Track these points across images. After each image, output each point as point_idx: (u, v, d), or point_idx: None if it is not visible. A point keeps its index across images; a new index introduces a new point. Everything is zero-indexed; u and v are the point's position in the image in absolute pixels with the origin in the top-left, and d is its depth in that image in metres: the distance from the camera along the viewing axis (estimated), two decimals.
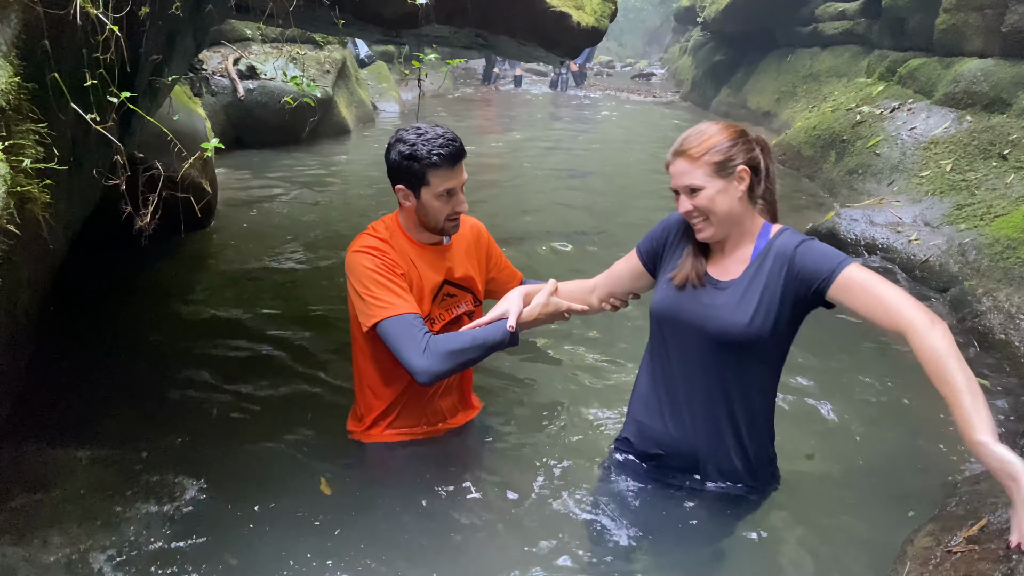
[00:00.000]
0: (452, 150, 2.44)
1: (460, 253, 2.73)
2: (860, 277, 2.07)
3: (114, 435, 3.00)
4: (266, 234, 5.99)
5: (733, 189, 2.18)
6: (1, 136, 2.01)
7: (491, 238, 2.90)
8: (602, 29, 4.97)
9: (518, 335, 2.43)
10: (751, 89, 14.00)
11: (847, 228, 6.06)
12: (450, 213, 2.55)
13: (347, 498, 2.70)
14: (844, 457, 3.15)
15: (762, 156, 2.26)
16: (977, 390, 1.86)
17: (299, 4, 3.26)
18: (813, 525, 2.64)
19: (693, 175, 2.17)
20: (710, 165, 2.16)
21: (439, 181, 2.47)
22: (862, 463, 3.12)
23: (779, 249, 2.18)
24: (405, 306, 2.44)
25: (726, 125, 2.25)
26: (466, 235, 2.77)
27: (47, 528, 2.40)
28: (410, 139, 2.46)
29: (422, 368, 2.36)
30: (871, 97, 8.74)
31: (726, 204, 2.18)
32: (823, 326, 4.49)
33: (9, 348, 2.61)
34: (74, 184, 2.87)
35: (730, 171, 2.17)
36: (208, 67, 9.33)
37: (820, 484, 2.93)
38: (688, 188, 2.20)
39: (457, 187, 2.51)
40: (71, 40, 2.41)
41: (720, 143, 2.18)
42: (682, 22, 21.64)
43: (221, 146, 2.56)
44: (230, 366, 3.74)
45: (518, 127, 13.67)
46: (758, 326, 2.17)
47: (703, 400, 2.31)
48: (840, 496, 2.87)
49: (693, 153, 2.18)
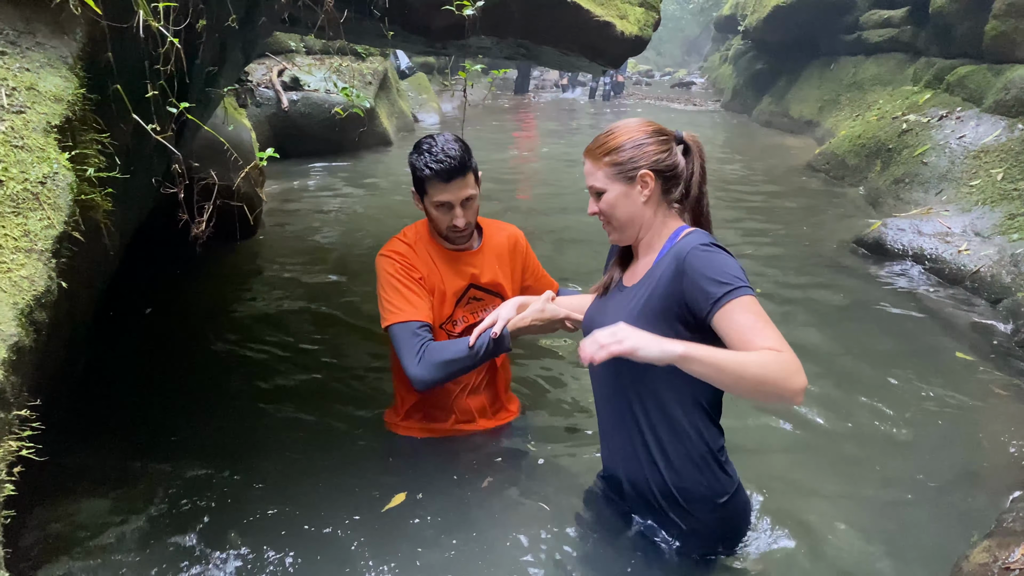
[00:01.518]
0: (445, 167, 2.47)
1: (491, 259, 2.78)
2: (735, 317, 1.82)
3: (168, 441, 3.06)
4: (309, 242, 6.08)
5: (635, 194, 2.01)
6: (68, 146, 2.07)
7: (529, 248, 2.93)
8: (645, 38, 4.96)
9: (505, 341, 2.47)
10: (793, 98, 13.87)
11: (894, 238, 5.97)
12: (449, 224, 2.59)
13: (369, 488, 2.75)
14: (900, 471, 3.09)
15: (684, 157, 2.06)
16: (735, 361, 1.74)
17: (349, 16, 3.31)
18: (868, 539, 2.60)
19: (595, 176, 2.04)
20: (611, 167, 2.01)
21: (435, 192, 2.53)
22: (919, 477, 3.05)
23: (677, 251, 1.94)
24: (413, 312, 2.53)
25: (642, 124, 2.06)
26: (501, 242, 2.83)
27: (111, 532, 2.45)
28: (421, 147, 2.55)
29: (415, 376, 2.46)
30: (918, 105, 8.59)
31: (626, 210, 2.03)
32: (885, 334, 4.46)
33: (67, 352, 2.68)
34: (129, 192, 2.94)
35: (630, 175, 2.00)
36: (253, 78, 9.51)
37: (875, 498, 2.88)
38: (592, 190, 2.07)
39: (454, 201, 2.54)
40: (131, 52, 2.48)
41: (624, 144, 2.01)
42: (722, 31, 21.52)
43: (276, 156, 2.61)
44: (281, 367, 3.84)
45: (555, 134, 13.69)
46: (651, 329, 1.88)
47: (613, 417, 2.17)
48: (895, 511, 2.81)
49: (596, 153, 2.04)
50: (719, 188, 8.93)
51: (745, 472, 2.75)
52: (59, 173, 1.97)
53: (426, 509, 2.61)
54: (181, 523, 2.53)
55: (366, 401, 3.45)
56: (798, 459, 3.14)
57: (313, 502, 2.65)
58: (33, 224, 1.84)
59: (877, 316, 4.82)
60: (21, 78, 2.06)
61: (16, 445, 1.61)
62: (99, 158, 2.25)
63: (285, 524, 2.54)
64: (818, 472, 3.05)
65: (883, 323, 4.72)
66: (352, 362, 3.92)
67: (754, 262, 5.84)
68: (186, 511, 2.60)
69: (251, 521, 2.55)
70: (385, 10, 3.41)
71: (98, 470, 2.76)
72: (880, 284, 5.42)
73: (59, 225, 1.91)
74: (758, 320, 1.81)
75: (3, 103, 1.96)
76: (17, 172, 1.87)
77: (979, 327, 4.63)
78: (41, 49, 2.18)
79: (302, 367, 3.88)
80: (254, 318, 4.52)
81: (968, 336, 4.52)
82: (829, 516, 2.72)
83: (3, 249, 1.75)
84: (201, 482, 2.77)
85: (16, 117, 1.97)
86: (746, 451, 3.11)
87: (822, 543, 2.55)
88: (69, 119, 2.11)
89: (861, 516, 2.71)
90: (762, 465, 3.02)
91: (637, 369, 1.94)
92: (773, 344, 1.77)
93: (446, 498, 2.67)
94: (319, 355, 4.02)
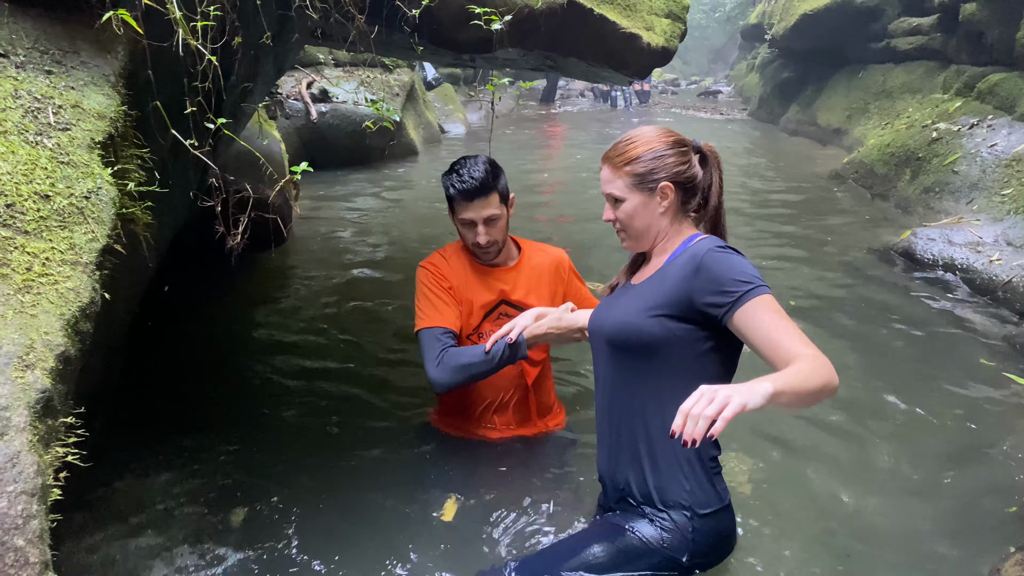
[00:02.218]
0: (468, 187, 2.63)
1: (525, 278, 2.88)
2: (758, 315, 1.83)
3: (206, 448, 3.13)
4: (338, 251, 6.17)
5: (654, 204, 2.02)
6: (110, 161, 2.14)
7: (573, 273, 2.99)
8: (672, 49, 4.98)
9: (521, 348, 2.53)
10: (821, 106, 13.79)
11: (924, 247, 5.92)
12: (472, 241, 2.73)
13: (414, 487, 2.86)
14: (931, 483, 3.07)
15: (702, 168, 2.08)
16: (801, 379, 1.68)
17: (379, 31, 3.37)
18: (898, 551, 2.59)
19: (614, 184, 2.04)
20: (630, 177, 2.01)
21: (460, 210, 2.70)
22: (948, 483, 3.03)
23: (693, 251, 1.96)
24: (438, 319, 2.68)
25: (661, 133, 2.06)
26: (541, 264, 2.92)
27: (152, 536, 2.51)
28: (452, 167, 2.71)
29: (433, 378, 2.60)
30: (948, 113, 8.52)
31: (644, 220, 2.03)
32: (915, 344, 4.43)
33: (106, 361, 2.75)
34: (165, 205, 3.02)
35: (651, 186, 2.01)
36: (283, 91, 9.66)
37: (906, 510, 2.86)
38: (610, 197, 2.07)
39: (476, 220, 2.67)
40: (170, 70, 2.55)
41: (644, 154, 2.01)
42: (749, 39, 21.47)
43: (310, 169, 2.67)
44: (314, 371, 3.93)
45: (582, 142, 13.72)
46: (649, 324, 1.95)
47: (605, 413, 2.16)
48: (926, 523, 2.80)
49: (616, 161, 2.04)
50: (747, 196, 8.91)
51: (767, 475, 2.75)
52: (102, 188, 2.03)
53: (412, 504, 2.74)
54: (221, 527, 2.59)
55: (400, 400, 3.56)
56: (822, 464, 3.13)
57: (353, 501, 2.74)
58: (78, 238, 1.91)
59: (907, 325, 4.79)
60: (67, 96, 2.13)
61: (62, 451, 1.66)
62: (139, 173, 2.32)
63: (326, 523, 2.62)
64: (843, 478, 3.04)
65: (913, 332, 4.68)
66: (389, 366, 4.02)
67: (782, 270, 5.83)
68: (224, 516, 2.65)
69: (290, 520, 2.63)
70: (414, 25, 3.46)
71: (137, 477, 2.83)
72: (910, 293, 5.38)
73: (102, 238, 1.97)
74: (781, 319, 1.82)
75: (50, 121, 2.04)
76: (63, 187, 1.94)
77: (1010, 337, 4.58)
78: (85, 68, 2.25)
79: (337, 369, 3.98)
80: (287, 325, 4.62)
81: (999, 347, 4.47)
82: (854, 524, 2.72)
83: (50, 262, 1.81)
84: (241, 486, 2.83)
85: (62, 134, 2.04)
86: (770, 455, 3.12)
87: (845, 552, 2.54)
88: (111, 135, 2.18)
89: (888, 525, 2.70)
90: (786, 469, 3.02)
91: (643, 367, 1.99)
92: (804, 346, 1.79)
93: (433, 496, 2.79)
94: (354, 358, 4.12)
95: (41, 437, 1.58)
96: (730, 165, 11.34)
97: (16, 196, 1.85)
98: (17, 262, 1.76)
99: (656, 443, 2.03)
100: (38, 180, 1.91)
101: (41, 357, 1.65)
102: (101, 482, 2.70)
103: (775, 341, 1.79)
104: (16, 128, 1.97)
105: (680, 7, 5.20)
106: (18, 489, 1.46)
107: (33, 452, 1.52)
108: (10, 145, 1.93)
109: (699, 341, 1.94)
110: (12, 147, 1.93)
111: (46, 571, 1.46)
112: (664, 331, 1.95)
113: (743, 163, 11.62)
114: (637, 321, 1.99)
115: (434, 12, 3.52)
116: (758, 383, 1.61)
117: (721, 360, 1.98)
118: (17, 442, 1.51)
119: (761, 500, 2.82)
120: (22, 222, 1.83)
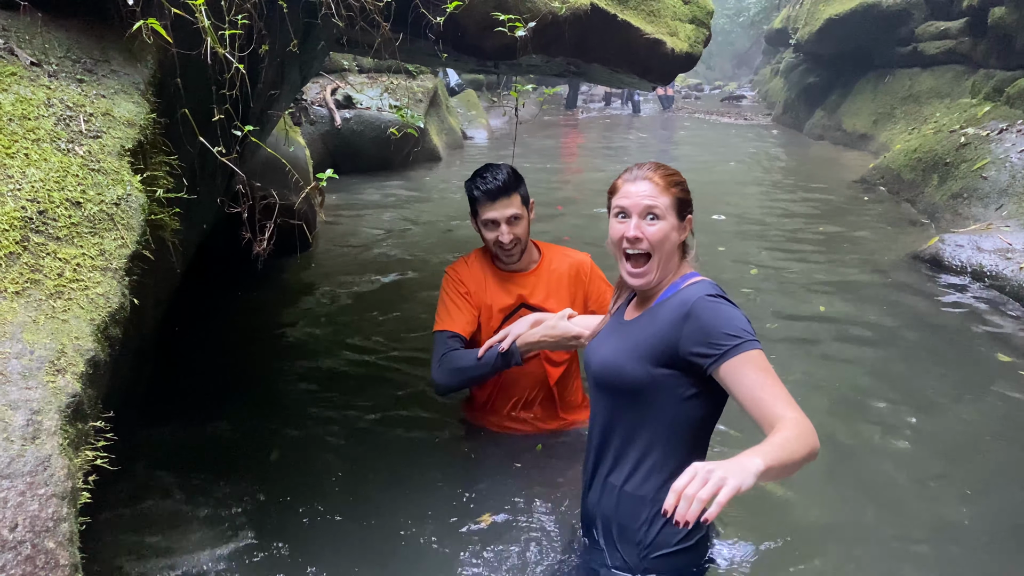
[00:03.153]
0: (491, 187, 2.76)
1: (545, 282, 2.95)
2: (745, 371, 1.80)
3: (234, 451, 3.16)
4: (362, 256, 6.21)
5: (678, 232, 2.01)
6: (139, 168, 2.17)
7: (596, 277, 3.02)
8: (696, 55, 4.96)
9: (513, 355, 2.65)
10: (846, 111, 13.68)
11: (952, 254, 5.84)
12: (495, 240, 2.82)
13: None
14: (964, 497, 3.03)
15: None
16: (791, 447, 1.65)
17: (403, 38, 3.39)
18: (926, 566, 2.55)
19: (659, 200, 1.96)
20: (676, 199, 1.98)
21: (483, 211, 2.81)
22: (983, 497, 2.99)
23: (684, 296, 1.94)
24: (449, 323, 2.85)
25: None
26: (561, 268, 2.97)
27: (181, 538, 2.54)
28: (475, 173, 2.84)
29: (433, 378, 2.80)
30: (976, 118, 8.41)
31: (671, 244, 2.00)
32: (943, 352, 4.37)
33: (135, 365, 2.79)
34: (192, 211, 3.05)
35: (685, 214, 2.01)
36: (307, 97, 9.74)
37: (930, 517, 2.83)
38: (648, 211, 1.97)
39: (499, 219, 2.78)
40: (198, 78, 2.58)
41: (685, 184, 2.03)
42: (773, 44, 21.36)
43: (335, 176, 2.69)
44: (341, 377, 3.98)
45: (603, 147, 13.71)
46: (632, 368, 1.94)
47: (595, 448, 2.11)
48: (953, 534, 2.76)
49: (663, 182, 1.99)
50: (772, 202, 8.85)
51: (795, 486, 2.72)
52: (132, 195, 2.06)
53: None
54: (252, 527, 2.61)
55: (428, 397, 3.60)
56: (845, 476, 3.10)
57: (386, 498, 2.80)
58: (108, 244, 1.93)
59: (934, 333, 4.73)
60: (97, 104, 2.16)
61: (91, 455, 1.68)
62: (167, 179, 2.35)
63: (357, 521, 2.68)
64: (868, 489, 3.00)
65: (940, 340, 4.63)
66: (409, 364, 4.08)
67: (808, 278, 5.78)
68: (254, 517, 2.68)
69: (322, 520, 2.66)
70: (439, 32, 3.47)
71: (164, 481, 2.86)
72: (937, 301, 5.31)
73: (132, 244, 1.99)
74: (767, 377, 1.80)
75: (82, 128, 2.07)
76: (94, 194, 1.97)
77: None
78: (116, 76, 2.29)
79: (366, 369, 4.04)
80: (312, 327, 4.67)
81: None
82: (878, 536, 2.69)
83: (81, 268, 1.84)
84: (269, 489, 2.86)
85: (93, 142, 2.07)
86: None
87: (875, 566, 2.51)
88: (141, 143, 2.21)
89: (916, 533, 2.66)
90: (815, 480, 2.99)
91: (628, 405, 1.98)
92: (788, 407, 1.75)
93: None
94: (380, 357, 4.15)
95: (71, 441, 1.61)
96: (755, 170, 11.29)
97: (48, 203, 1.88)
98: (49, 268, 1.79)
99: (641, 486, 1.98)
100: (70, 187, 1.94)
101: (72, 362, 1.67)
102: (127, 481, 2.73)
103: (759, 400, 1.77)
104: (49, 136, 2.01)
105: (704, 12, 5.18)
106: (49, 492, 1.48)
107: (63, 456, 1.54)
108: (43, 153, 1.96)
109: (683, 387, 1.92)
110: (45, 155, 1.96)
111: (75, 573, 1.48)
112: (647, 376, 1.93)
113: (768, 168, 11.54)
114: (621, 363, 1.98)
115: (458, 19, 3.53)
116: (748, 459, 1.56)
117: (705, 405, 1.95)
118: (48, 445, 1.53)
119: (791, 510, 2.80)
120: (54, 228, 1.86)
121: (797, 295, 5.42)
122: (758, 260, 6.30)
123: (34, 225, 1.83)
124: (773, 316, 4.91)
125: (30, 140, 1.96)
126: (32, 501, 1.46)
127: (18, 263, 1.76)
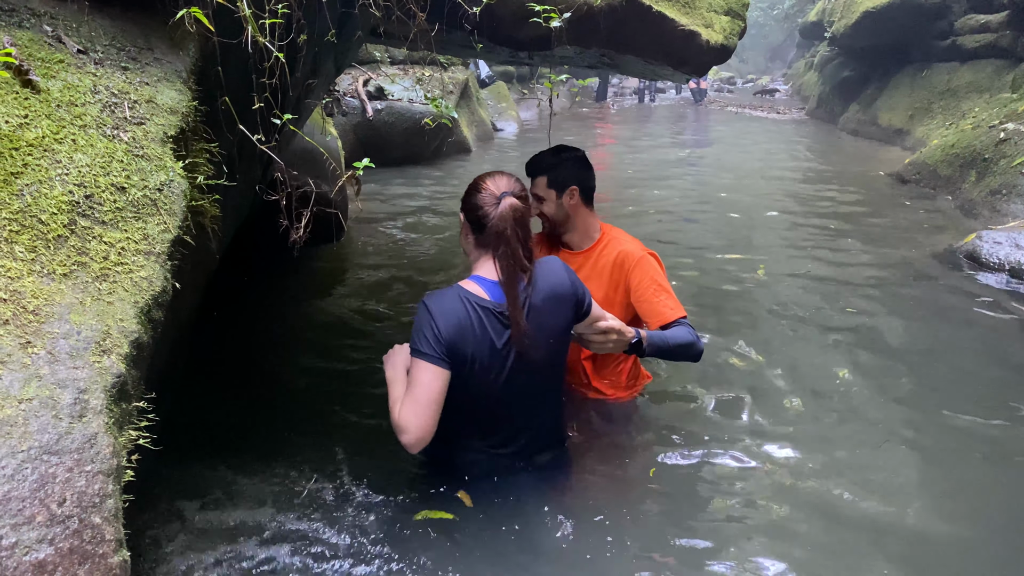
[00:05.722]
0: (528, 162, 3.10)
1: (591, 264, 3.07)
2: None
3: (260, 443, 3.20)
4: (395, 245, 6.26)
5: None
6: (181, 155, 2.20)
7: (638, 269, 3.00)
8: (731, 47, 4.91)
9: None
10: (882, 106, 13.47)
11: (989, 251, 5.75)
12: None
13: None
14: (985, 494, 2.99)
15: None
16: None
17: (439, 29, 3.40)
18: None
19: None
20: None
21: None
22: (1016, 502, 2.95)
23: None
24: None
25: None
26: (608, 254, 3.07)
27: (211, 522, 2.59)
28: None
29: None
30: (1017, 113, 8.25)
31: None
32: (979, 350, 4.31)
33: (172, 352, 2.83)
34: (230, 198, 3.09)
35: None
36: (339, 88, 9.81)
37: (963, 515, 2.80)
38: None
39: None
40: (238, 66, 2.62)
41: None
42: (808, 37, 21.06)
43: (372, 165, 2.71)
44: (369, 369, 3.95)
45: (638, 139, 13.65)
46: None
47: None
48: (982, 536, 2.73)
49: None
50: (805, 197, 8.75)
51: (820, 479, 2.70)
52: (174, 181, 2.10)
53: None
54: (276, 517, 2.65)
55: None
56: (873, 466, 3.08)
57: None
58: (151, 228, 1.97)
59: (971, 330, 4.66)
60: (141, 92, 2.20)
61: (135, 434, 1.72)
62: (208, 166, 2.39)
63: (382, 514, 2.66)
64: (895, 484, 2.97)
65: (977, 338, 4.55)
66: None
67: (842, 273, 5.71)
68: (281, 507, 2.72)
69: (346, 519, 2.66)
70: (474, 22, 3.48)
71: (199, 463, 2.91)
72: (974, 298, 5.23)
73: (174, 229, 2.03)
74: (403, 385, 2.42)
75: (126, 115, 2.11)
76: (138, 180, 2.01)
77: None
78: (159, 64, 2.33)
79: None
80: (345, 315, 4.71)
81: None
82: (909, 533, 2.66)
83: (126, 251, 1.88)
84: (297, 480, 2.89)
85: (137, 128, 2.11)
86: (820, 459, 3.07)
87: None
88: (183, 130, 2.25)
89: (943, 531, 2.64)
90: (845, 467, 2.97)
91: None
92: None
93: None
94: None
95: (116, 420, 1.64)
96: (789, 165, 11.17)
97: (95, 187, 1.92)
98: (95, 251, 1.83)
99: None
100: (115, 172, 1.98)
101: (117, 343, 1.71)
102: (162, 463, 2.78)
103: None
104: (95, 122, 2.05)
105: (739, 4, 5.13)
106: (95, 469, 1.52)
107: (109, 434, 1.58)
108: (89, 138, 2.00)
109: None
110: (91, 140, 2.00)
111: (120, 548, 1.52)
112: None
113: (802, 162, 11.41)
114: None
115: (494, 10, 3.53)
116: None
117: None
118: (95, 424, 1.57)
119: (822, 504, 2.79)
120: (100, 212, 1.90)
121: (829, 290, 5.36)
122: (792, 255, 6.25)
123: (81, 209, 1.87)
124: (802, 309, 4.88)
125: (77, 126, 2.01)
126: (79, 477, 1.50)
127: (66, 246, 1.80)
